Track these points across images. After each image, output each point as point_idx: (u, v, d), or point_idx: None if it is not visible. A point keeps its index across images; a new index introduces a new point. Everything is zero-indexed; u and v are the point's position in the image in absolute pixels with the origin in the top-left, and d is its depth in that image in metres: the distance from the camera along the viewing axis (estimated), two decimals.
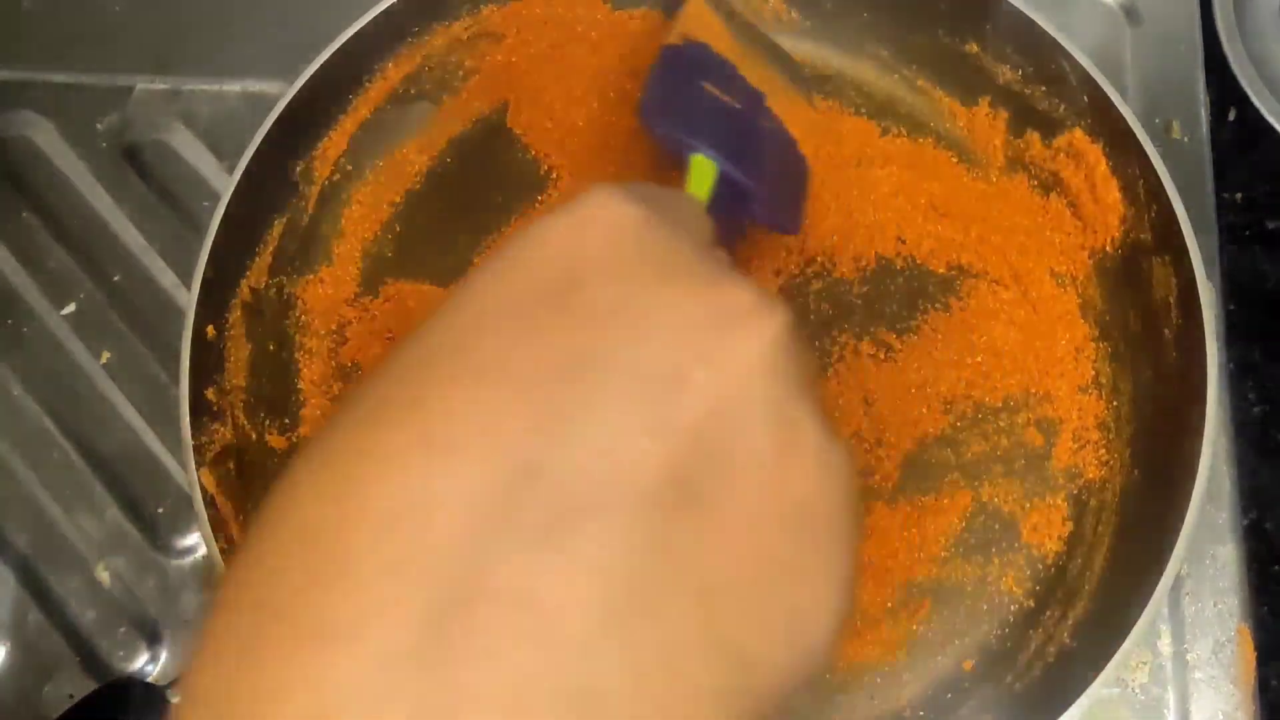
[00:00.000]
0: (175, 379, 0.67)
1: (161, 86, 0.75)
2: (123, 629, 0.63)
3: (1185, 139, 0.73)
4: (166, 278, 0.70)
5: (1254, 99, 0.73)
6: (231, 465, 0.60)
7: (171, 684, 0.59)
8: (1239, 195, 0.74)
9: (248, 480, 0.61)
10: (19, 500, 0.65)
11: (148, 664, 0.62)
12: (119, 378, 0.68)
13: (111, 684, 0.60)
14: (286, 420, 0.65)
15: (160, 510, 0.65)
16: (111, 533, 0.64)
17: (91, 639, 0.62)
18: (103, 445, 0.66)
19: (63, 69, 0.75)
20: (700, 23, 0.63)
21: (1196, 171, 0.72)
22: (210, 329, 0.61)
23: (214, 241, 0.60)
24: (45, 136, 0.74)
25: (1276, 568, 0.64)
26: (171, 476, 0.66)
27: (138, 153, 0.74)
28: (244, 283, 0.64)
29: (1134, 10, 0.77)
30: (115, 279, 0.70)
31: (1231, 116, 0.75)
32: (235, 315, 0.63)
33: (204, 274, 0.60)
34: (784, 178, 0.63)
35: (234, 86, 0.75)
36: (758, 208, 0.59)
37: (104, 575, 0.63)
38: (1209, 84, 0.75)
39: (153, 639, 0.62)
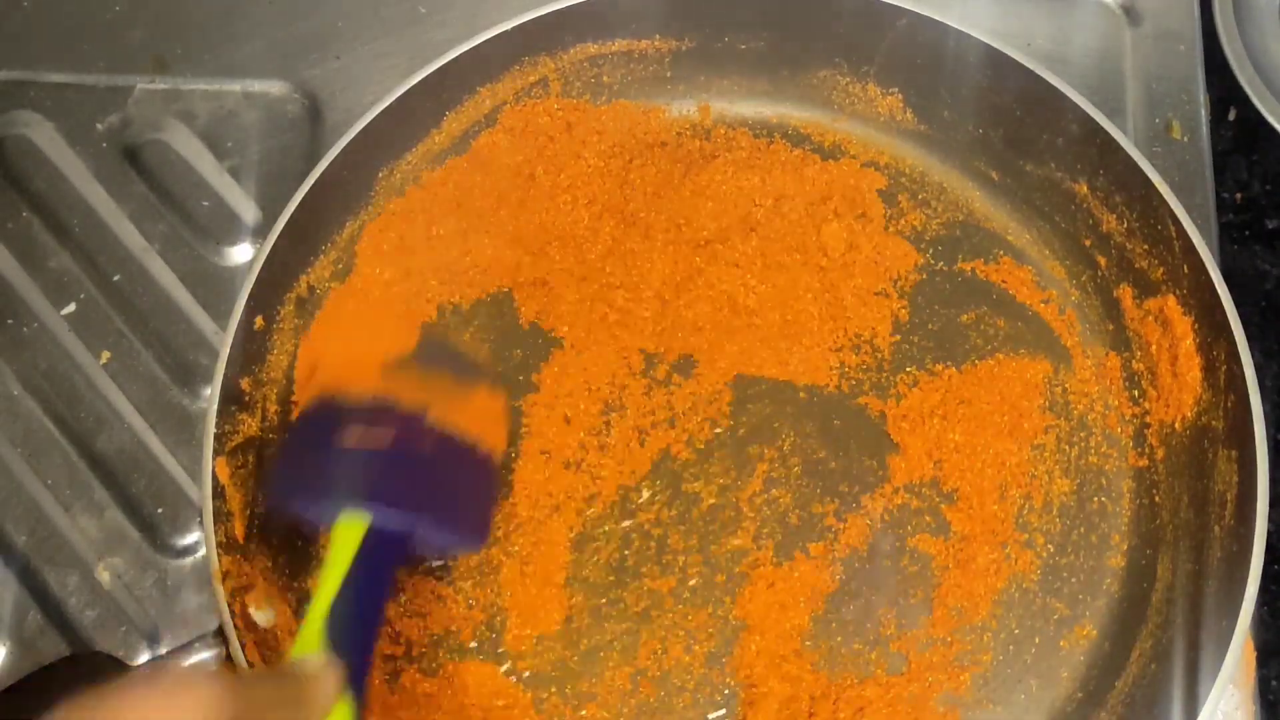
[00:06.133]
0: (175, 379, 0.68)
1: (161, 86, 0.75)
2: (123, 629, 0.62)
3: (1185, 139, 0.73)
4: (166, 277, 0.70)
5: (1254, 99, 0.73)
6: (250, 458, 0.60)
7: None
8: (1239, 195, 0.74)
9: (261, 478, 0.61)
10: (19, 500, 0.65)
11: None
12: (119, 378, 0.68)
13: (75, 655, 0.60)
14: None
15: (160, 510, 0.65)
16: (111, 533, 0.64)
17: (91, 639, 0.62)
18: (103, 445, 0.66)
19: (63, 69, 0.75)
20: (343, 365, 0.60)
21: (1196, 171, 0.72)
22: (259, 320, 0.62)
23: (277, 237, 0.61)
24: (45, 136, 0.74)
25: (1276, 568, 0.64)
26: (171, 476, 0.66)
27: (137, 153, 0.74)
28: (303, 278, 0.65)
29: (1134, 10, 0.77)
30: (115, 279, 0.70)
31: (1231, 116, 0.75)
32: (288, 309, 0.64)
33: (262, 264, 0.60)
34: (454, 496, 0.59)
35: (233, 86, 0.75)
36: (423, 543, 0.57)
37: (104, 575, 0.63)
38: (1209, 84, 0.75)
39: (152, 639, 0.62)
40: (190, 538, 0.64)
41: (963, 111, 0.69)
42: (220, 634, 0.54)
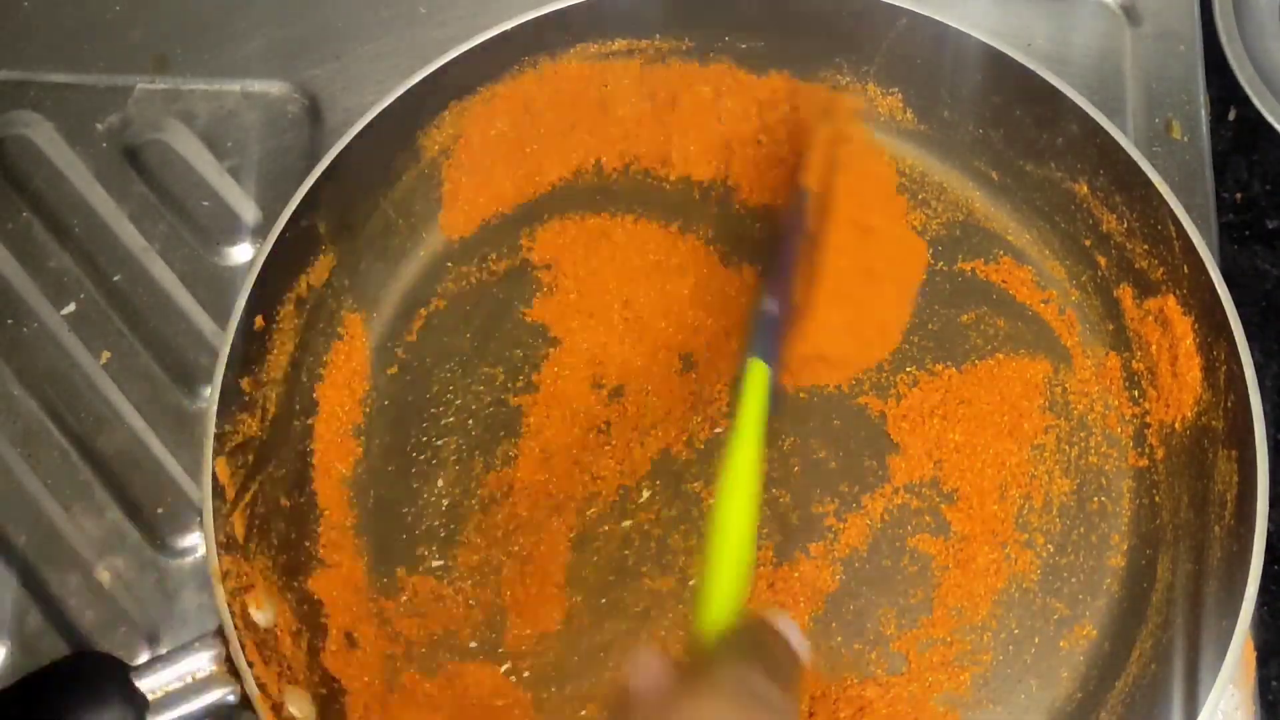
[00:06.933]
0: (175, 379, 0.68)
1: (161, 86, 0.75)
2: (123, 629, 0.62)
3: (1185, 139, 0.73)
4: (167, 278, 0.70)
5: (1254, 99, 0.73)
6: (250, 458, 0.60)
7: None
8: (1239, 195, 0.74)
9: (261, 476, 0.61)
10: (19, 500, 0.65)
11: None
12: (119, 378, 0.68)
13: (75, 655, 0.60)
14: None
15: (160, 510, 0.65)
16: (111, 533, 0.64)
17: (91, 639, 0.62)
18: (103, 445, 0.66)
19: (63, 69, 0.75)
20: None
21: (1196, 171, 0.72)
22: (259, 320, 0.61)
23: (277, 237, 0.61)
24: (45, 136, 0.74)
25: (1276, 568, 0.64)
26: (171, 476, 0.66)
27: (137, 153, 0.74)
28: (303, 278, 0.65)
29: (1134, 10, 0.77)
30: (115, 279, 0.70)
31: (1231, 116, 0.75)
32: (288, 309, 0.64)
33: (262, 264, 0.60)
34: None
35: (233, 86, 0.75)
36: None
37: (104, 575, 0.63)
38: (1209, 84, 0.75)
39: (152, 639, 0.62)
40: (190, 538, 0.64)
41: (963, 111, 0.69)
42: (220, 634, 0.54)
